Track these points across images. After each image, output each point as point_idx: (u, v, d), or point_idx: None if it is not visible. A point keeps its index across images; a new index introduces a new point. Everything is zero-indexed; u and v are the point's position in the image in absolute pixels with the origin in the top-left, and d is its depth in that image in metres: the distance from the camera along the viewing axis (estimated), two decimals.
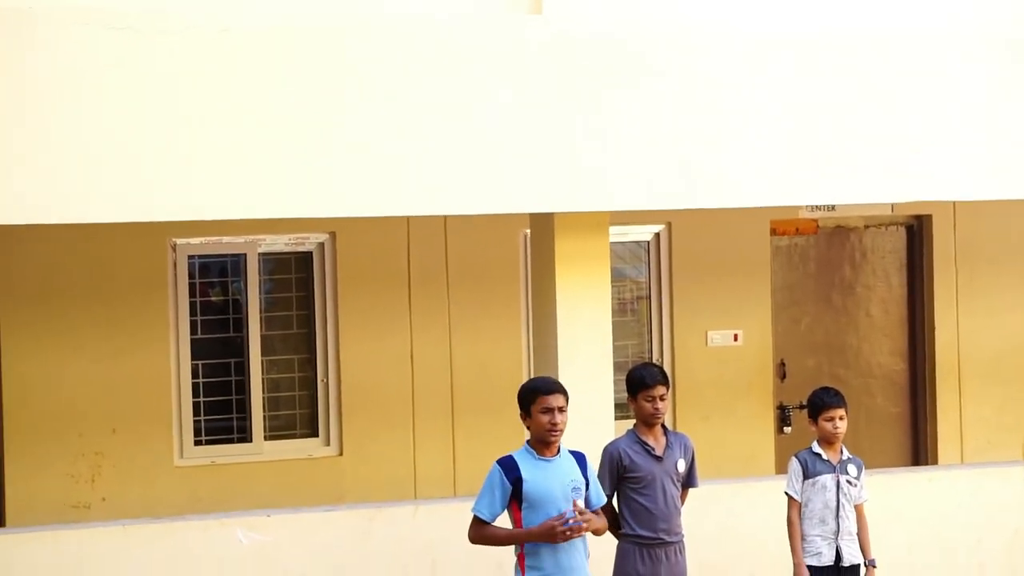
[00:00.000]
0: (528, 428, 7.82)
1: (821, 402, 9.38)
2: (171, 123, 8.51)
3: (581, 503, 7.77)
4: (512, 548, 7.78)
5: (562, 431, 7.78)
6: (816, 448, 9.37)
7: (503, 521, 7.79)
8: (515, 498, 7.69)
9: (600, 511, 7.97)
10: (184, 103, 8.52)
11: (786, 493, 9.33)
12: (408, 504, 9.88)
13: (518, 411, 7.84)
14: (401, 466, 11.88)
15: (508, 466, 7.72)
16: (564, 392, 7.85)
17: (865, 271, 13.41)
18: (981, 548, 10.43)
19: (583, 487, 7.83)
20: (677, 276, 12.62)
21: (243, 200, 8.63)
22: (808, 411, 9.50)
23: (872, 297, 13.43)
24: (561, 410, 7.76)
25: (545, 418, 7.73)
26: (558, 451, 7.81)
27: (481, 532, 7.76)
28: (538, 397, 7.76)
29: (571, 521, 7.63)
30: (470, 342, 12.04)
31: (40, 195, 8.34)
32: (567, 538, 7.63)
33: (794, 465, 9.36)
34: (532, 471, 7.70)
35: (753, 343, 12.79)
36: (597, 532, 7.92)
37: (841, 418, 9.35)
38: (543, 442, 7.77)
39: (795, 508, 9.30)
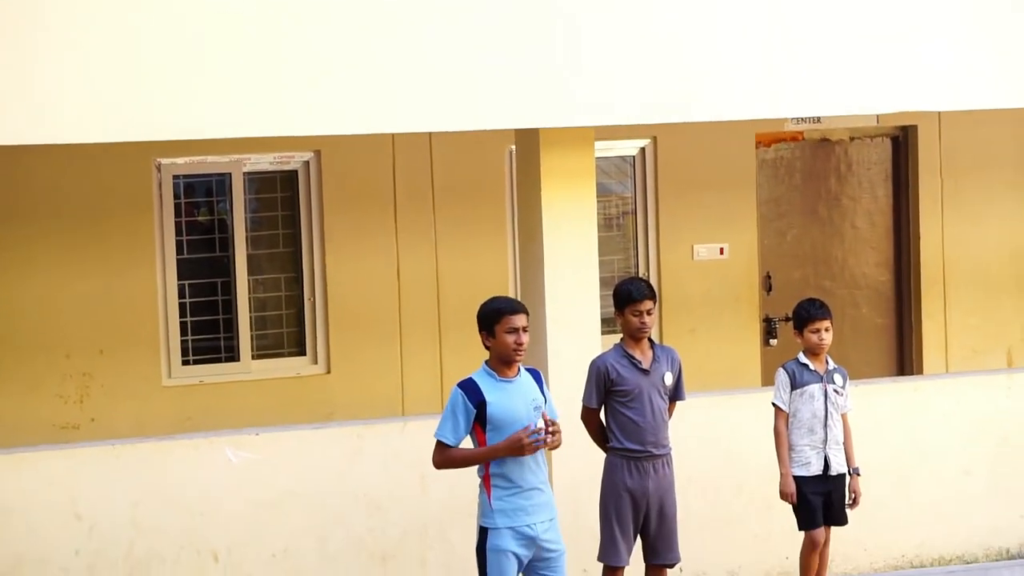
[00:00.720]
0: (489, 349, 7.79)
1: (806, 314, 9.41)
2: (155, 42, 8.46)
3: (543, 422, 7.73)
4: (476, 469, 7.79)
5: (526, 351, 7.75)
6: (803, 359, 9.41)
7: (466, 444, 7.78)
8: (478, 421, 7.67)
9: (557, 423, 7.94)
10: (169, 23, 8.47)
11: (773, 404, 9.38)
12: (396, 420, 9.91)
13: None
14: (389, 383, 11.92)
15: (470, 390, 7.69)
16: (527, 312, 7.82)
17: (851, 183, 13.41)
18: (966, 456, 10.50)
19: (543, 404, 7.83)
20: (663, 191, 12.61)
21: (227, 119, 8.60)
22: (793, 323, 9.54)
23: (858, 209, 13.44)
24: (525, 329, 7.72)
25: (511, 338, 7.70)
26: (518, 371, 7.80)
27: (447, 456, 7.72)
28: (503, 317, 7.72)
29: (538, 434, 7.59)
30: (456, 259, 12.05)
31: (24, 117, 8.30)
32: (534, 450, 7.64)
33: (781, 376, 9.40)
34: (495, 393, 7.69)
35: (739, 256, 12.81)
36: (556, 445, 7.91)
37: (827, 329, 9.38)
38: (506, 363, 7.73)
39: (782, 419, 9.35)
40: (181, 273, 11.69)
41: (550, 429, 7.66)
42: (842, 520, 9.42)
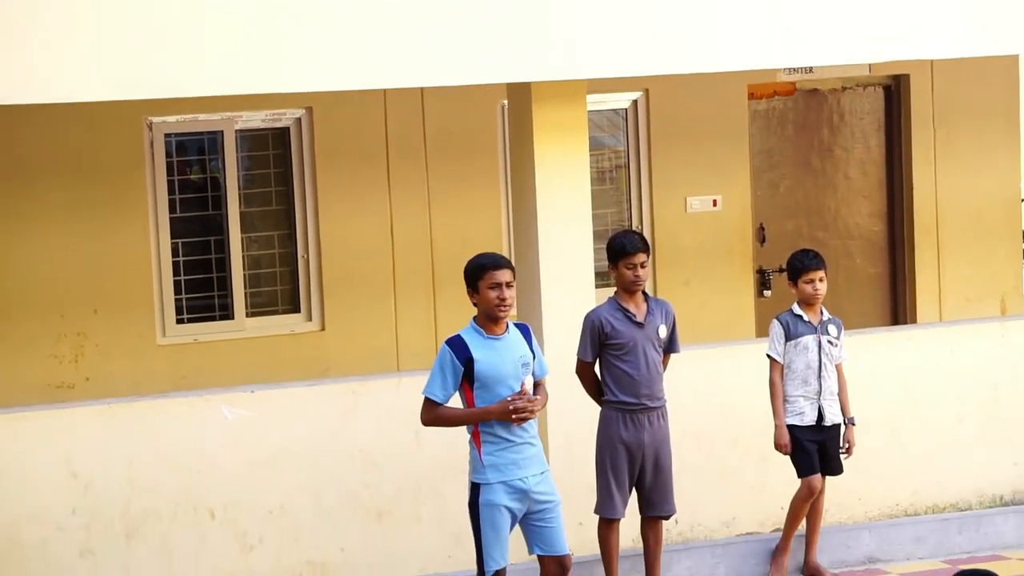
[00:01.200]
0: (476, 305, 7.78)
1: (801, 264, 9.42)
2: (145, 0, 8.44)
3: (529, 383, 7.74)
4: (465, 426, 7.81)
5: (511, 306, 7.73)
6: (797, 310, 9.43)
7: (454, 401, 7.80)
8: (466, 378, 7.67)
9: (543, 387, 7.96)
10: None
11: (768, 355, 9.40)
12: (391, 377, 9.93)
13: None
14: (383, 339, 11.93)
15: (458, 347, 7.68)
16: (511, 267, 7.79)
17: (843, 133, 13.39)
18: (959, 404, 10.53)
19: (531, 361, 7.82)
20: (655, 143, 12.60)
21: (219, 76, 8.58)
22: (788, 274, 9.55)
23: (850, 159, 13.43)
24: (509, 285, 7.70)
25: (493, 294, 7.68)
26: (506, 328, 7.79)
27: (436, 414, 7.73)
28: (486, 273, 7.70)
29: (520, 404, 7.59)
30: (449, 214, 12.04)
31: (15, 75, 8.28)
32: (519, 421, 7.64)
33: (776, 328, 9.42)
34: (483, 351, 7.69)
35: (732, 208, 12.80)
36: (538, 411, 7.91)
37: (821, 280, 9.39)
38: (492, 319, 7.72)
39: (777, 370, 9.37)
40: (174, 231, 11.68)
41: (529, 404, 7.62)
42: (837, 470, 9.46)
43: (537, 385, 7.81)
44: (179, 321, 11.69)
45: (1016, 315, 13.15)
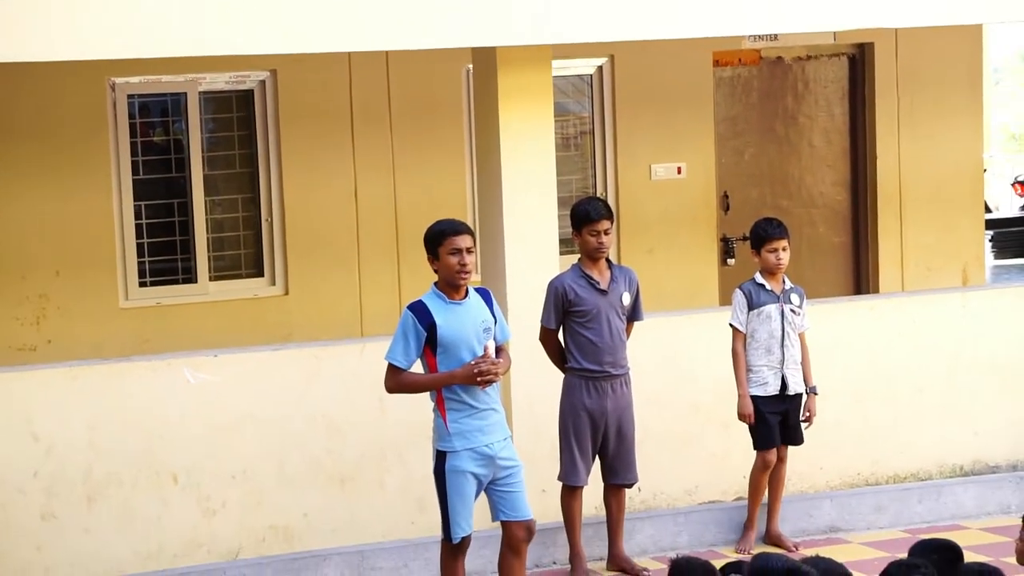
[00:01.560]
0: (436, 271, 7.76)
1: (764, 233, 9.43)
2: None
3: (492, 347, 7.75)
4: (429, 392, 7.80)
5: (471, 272, 7.71)
6: (759, 279, 9.44)
7: (415, 369, 7.79)
8: (428, 344, 7.66)
9: (505, 350, 7.96)
10: None
11: (731, 325, 9.41)
12: (355, 342, 9.91)
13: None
14: (347, 304, 11.91)
15: (421, 312, 7.66)
16: (471, 232, 7.78)
17: (808, 101, 13.40)
18: (921, 374, 10.57)
19: (493, 326, 7.82)
20: (620, 110, 12.58)
21: (182, 37, 8.52)
22: (751, 242, 9.55)
23: (814, 127, 13.45)
24: (469, 251, 7.68)
25: (454, 259, 7.67)
26: (467, 293, 7.78)
27: (399, 380, 7.72)
28: (445, 239, 7.68)
29: (485, 367, 7.60)
30: (414, 179, 12.02)
31: None
32: (484, 384, 7.65)
33: (738, 297, 9.43)
34: (445, 315, 7.68)
35: (696, 175, 12.81)
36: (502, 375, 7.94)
37: (784, 249, 9.40)
38: (452, 285, 7.71)
39: (740, 340, 9.39)
40: (137, 194, 11.62)
41: (495, 364, 7.63)
42: (798, 439, 9.50)
43: (499, 350, 7.81)
44: (142, 284, 11.64)
45: (978, 285, 13.22)
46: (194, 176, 11.73)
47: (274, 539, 9.20)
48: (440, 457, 7.70)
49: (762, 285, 9.42)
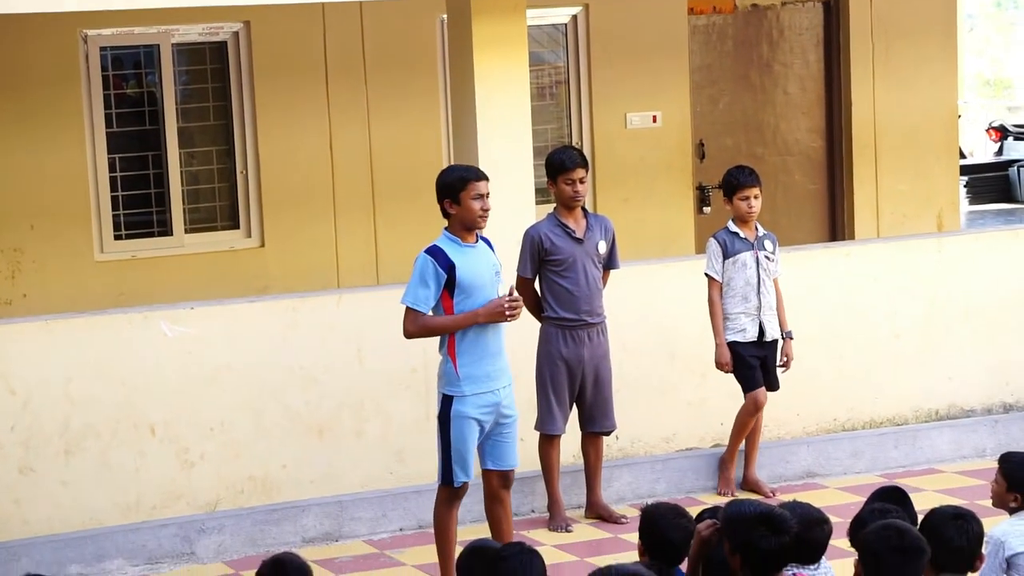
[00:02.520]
0: (452, 216, 7.78)
1: (736, 181, 9.43)
2: None
3: (504, 287, 7.81)
4: (438, 338, 7.81)
5: (488, 217, 7.79)
6: (733, 227, 9.46)
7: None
8: (446, 287, 7.70)
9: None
10: None
11: (707, 274, 9.43)
12: (332, 293, 9.91)
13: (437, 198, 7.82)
14: (323, 256, 11.89)
15: (439, 255, 7.71)
16: (488, 179, 7.86)
17: (782, 49, 13.39)
18: (896, 320, 10.61)
19: (500, 269, 7.89)
20: (595, 59, 12.56)
21: None
22: (723, 191, 9.56)
23: (789, 75, 13.44)
24: (488, 196, 7.77)
25: (477, 205, 7.73)
26: (476, 238, 7.83)
27: (422, 323, 7.74)
28: (469, 184, 7.74)
29: (514, 303, 7.69)
30: (389, 130, 11.99)
31: None
32: (513, 318, 7.70)
33: (712, 246, 9.45)
34: (462, 258, 7.73)
35: (672, 124, 12.80)
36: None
37: (756, 196, 9.41)
38: (470, 229, 7.76)
39: (716, 288, 9.41)
40: (111, 147, 11.58)
41: (512, 304, 7.73)
42: (774, 385, 9.53)
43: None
44: (117, 237, 11.61)
45: (952, 231, 13.25)
46: (168, 129, 11.69)
47: (252, 490, 9.21)
48: (446, 401, 7.72)
49: (736, 233, 9.43)
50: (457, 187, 7.76)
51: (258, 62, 11.71)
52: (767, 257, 9.43)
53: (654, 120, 12.72)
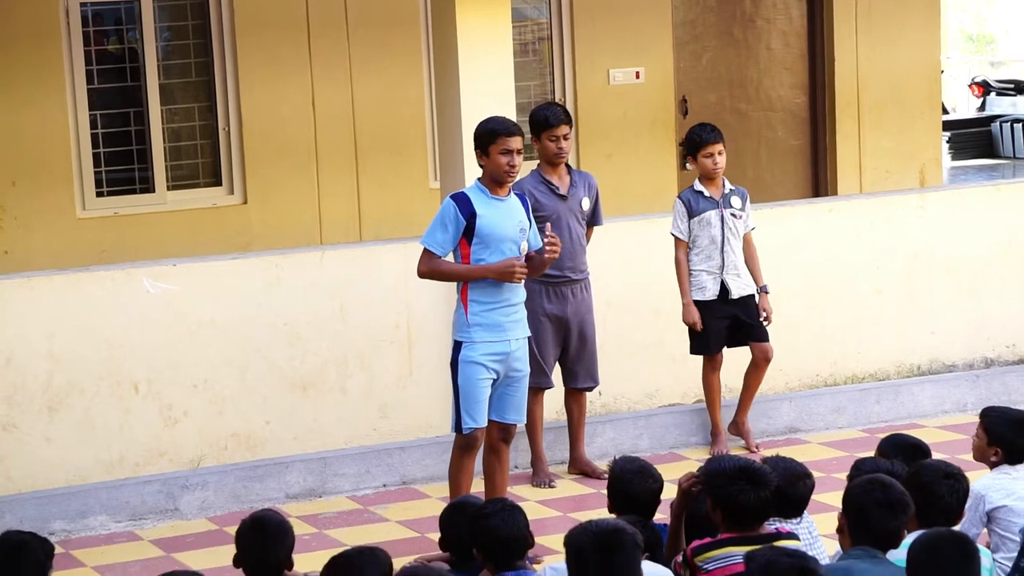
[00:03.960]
0: (483, 167, 7.80)
1: (698, 139, 9.40)
2: None
3: (525, 247, 7.81)
4: (454, 285, 7.82)
5: (518, 172, 7.79)
6: (698, 186, 9.44)
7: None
8: (465, 235, 7.71)
9: (534, 255, 7.99)
10: None
11: (672, 234, 9.42)
12: (315, 250, 9.90)
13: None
14: (306, 212, 11.88)
15: (463, 202, 7.72)
16: (522, 134, 7.85)
17: (765, 4, 13.37)
18: (879, 275, 10.63)
19: (528, 229, 7.88)
20: (578, 15, 12.53)
21: None
22: (686, 148, 9.53)
23: (772, 30, 13.42)
24: (519, 152, 7.76)
25: (504, 159, 7.72)
26: (508, 192, 7.83)
27: (434, 267, 7.76)
28: (498, 138, 7.74)
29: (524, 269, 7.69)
30: (371, 86, 11.96)
31: None
32: (520, 279, 7.70)
33: (678, 206, 9.44)
34: (486, 208, 7.73)
35: (655, 80, 12.79)
36: (535, 274, 8.00)
37: (720, 153, 9.38)
38: (498, 182, 7.76)
39: (681, 248, 9.40)
40: (92, 103, 11.54)
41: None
42: (762, 336, 9.50)
43: (529, 257, 7.84)
44: (99, 194, 11.58)
45: (935, 187, 13.27)
46: (150, 85, 11.65)
47: (236, 447, 9.22)
48: (456, 347, 7.73)
49: (701, 192, 9.41)
50: (486, 140, 7.78)
51: (240, 18, 11.67)
52: (733, 215, 9.40)
53: (637, 76, 12.70)
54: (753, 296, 9.48)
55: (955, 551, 5.15)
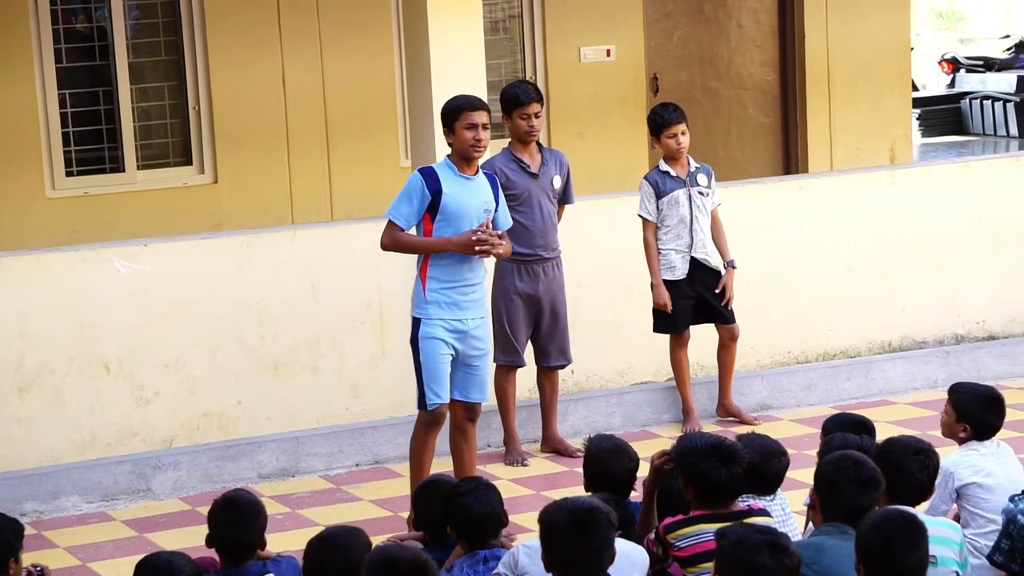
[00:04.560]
0: (451, 145, 7.80)
1: (661, 119, 9.40)
2: None
3: (490, 223, 7.79)
4: (415, 259, 7.82)
5: (485, 148, 7.79)
6: (664, 166, 9.44)
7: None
8: (429, 210, 7.71)
9: (506, 234, 7.98)
10: None
11: (640, 216, 9.43)
12: (286, 229, 9.88)
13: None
14: (277, 192, 11.85)
15: (430, 176, 7.73)
16: (487, 109, 7.86)
17: None
18: (850, 252, 10.66)
19: (493, 209, 7.87)
20: None
21: None
22: (649, 129, 9.53)
23: (743, 7, 13.42)
24: (485, 127, 7.77)
25: (469, 134, 7.73)
26: (476, 171, 7.82)
27: (396, 238, 7.77)
28: (462, 113, 7.76)
29: (488, 240, 7.65)
30: (342, 65, 11.93)
31: None
32: (482, 253, 7.69)
33: (644, 187, 9.44)
34: (452, 185, 7.73)
35: (626, 58, 12.78)
36: (502, 255, 7.97)
37: (683, 132, 9.39)
38: (465, 159, 7.76)
39: (650, 229, 9.41)
40: (61, 82, 11.49)
41: (492, 238, 7.69)
42: (729, 318, 9.53)
43: (500, 236, 7.84)
44: (68, 174, 11.54)
45: (905, 163, 13.30)
46: (119, 64, 11.60)
47: (208, 427, 9.21)
48: (415, 324, 7.74)
49: (667, 172, 9.41)
50: (451, 116, 7.80)
51: None
52: (700, 193, 9.41)
53: (608, 54, 12.69)
54: (720, 274, 9.49)
55: (903, 531, 5.15)
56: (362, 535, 5.48)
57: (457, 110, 7.80)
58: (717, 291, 9.47)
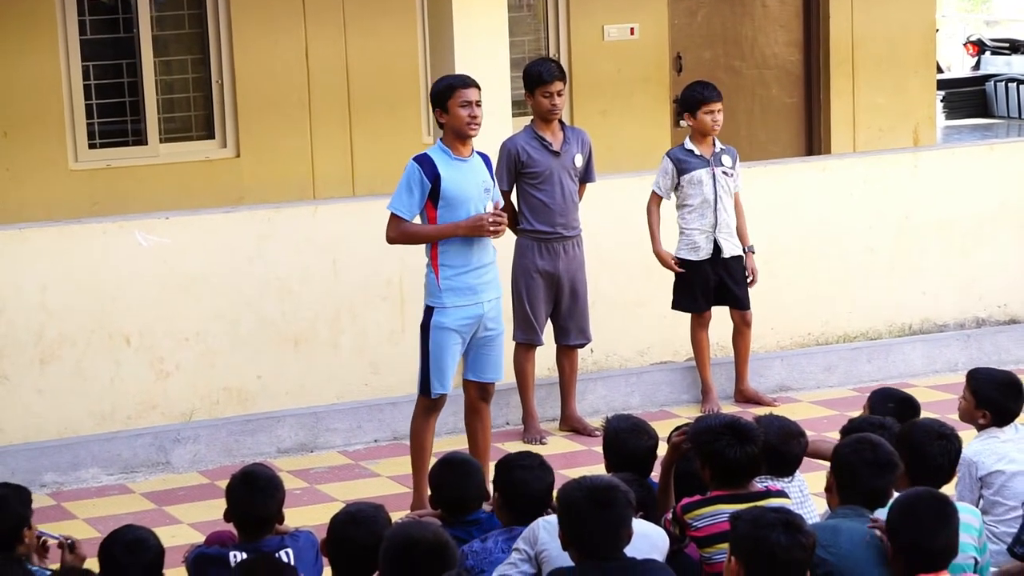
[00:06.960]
0: (443, 125, 7.76)
1: (701, 96, 9.36)
2: None
3: (490, 207, 7.78)
4: (423, 249, 7.81)
5: (480, 125, 7.73)
6: (688, 144, 9.41)
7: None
8: (431, 197, 7.67)
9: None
10: None
11: (653, 190, 9.41)
12: (307, 204, 9.89)
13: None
14: (299, 166, 11.85)
15: (426, 163, 7.67)
16: (479, 87, 7.80)
17: None
18: (871, 234, 10.64)
19: (492, 187, 7.85)
20: None
21: None
22: (684, 105, 9.48)
23: None
24: (478, 104, 7.72)
25: (464, 112, 7.67)
26: (471, 151, 7.79)
27: (402, 230, 7.73)
28: (456, 91, 7.69)
29: (498, 218, 7.65)
30: (365, 39, 11.91)
31: None
32: (493, 233, 7.68)
33: (665, 163, 9.41)
34: (449, 170, 7.68)
35: (649, 37, 12.75)
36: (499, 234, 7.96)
37: (720, 111, 9.37)
38: (461, 138, 7.70)
39: (655, 200, 9.40)
40: (85, 54, 11.49)
41: (504, 216, 7.70)
42: (743, 303, 9.51)
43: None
44: (91, 146, 11.55)
45: (928, 146, 13.26)
46: (143, 36, 11.60)
47: (228, 401, 9.23)
48: (428, 312, 7.71)
49: (691, 151, 9.39)
50: (445, 95, 7.71)
51: None
52: (725, 173, 9.40)
53: (631, 32, 12.66)
54: (740, 258, 9.48)
55: (933, 511, 5.15)
56: (384, 511, 5.49)
57: (449, 88, 7.72)
58: (748, 279, 9.45)
